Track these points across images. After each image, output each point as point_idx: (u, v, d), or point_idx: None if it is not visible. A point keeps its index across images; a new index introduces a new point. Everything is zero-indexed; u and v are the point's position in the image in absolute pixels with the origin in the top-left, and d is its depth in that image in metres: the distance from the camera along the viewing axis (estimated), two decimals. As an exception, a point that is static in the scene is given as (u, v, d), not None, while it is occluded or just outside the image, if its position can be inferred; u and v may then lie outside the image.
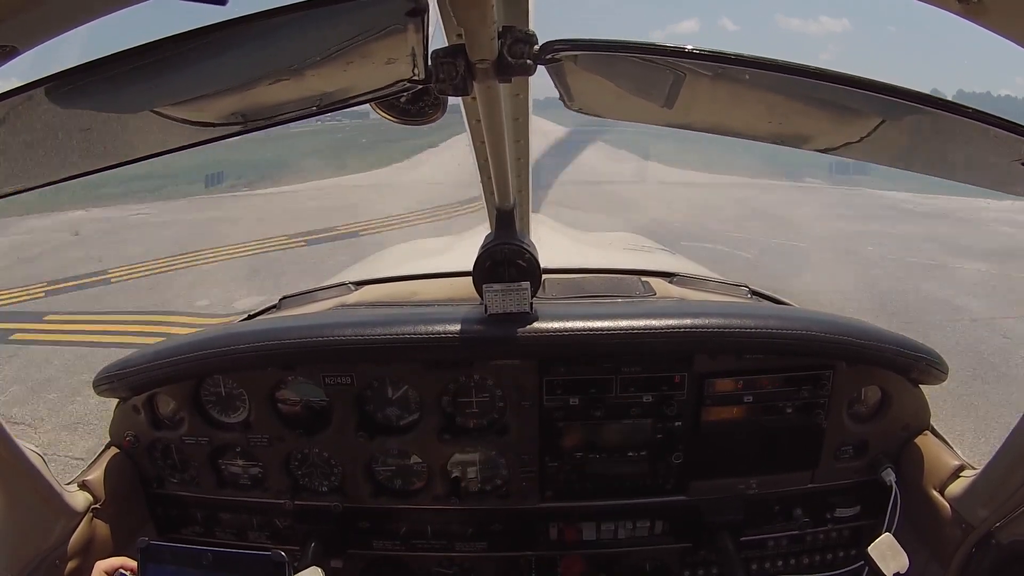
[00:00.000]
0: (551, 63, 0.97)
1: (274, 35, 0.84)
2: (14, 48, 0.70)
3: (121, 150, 1.03)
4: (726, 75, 0.95)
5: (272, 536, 1.91)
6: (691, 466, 1.81)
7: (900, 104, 0.93)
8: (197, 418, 1.81)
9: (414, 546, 1.89)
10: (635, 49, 0.94)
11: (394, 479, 1.85)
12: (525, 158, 1.59)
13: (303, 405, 1.81)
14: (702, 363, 1.72)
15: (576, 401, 1.74)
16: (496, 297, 1.63)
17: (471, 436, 1.79)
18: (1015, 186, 1.19)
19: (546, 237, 3.04)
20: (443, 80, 0.93)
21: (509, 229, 1.64)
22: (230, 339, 1.74)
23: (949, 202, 17.12)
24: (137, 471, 1.88)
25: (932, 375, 1.81)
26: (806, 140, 1.18)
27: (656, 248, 3.80)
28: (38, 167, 1.03)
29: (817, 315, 1.86)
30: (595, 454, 1.78)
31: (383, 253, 4.06)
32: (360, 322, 1.73)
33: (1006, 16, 0.71)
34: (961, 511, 1.61)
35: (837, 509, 1.89)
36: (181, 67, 0.85)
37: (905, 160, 1.23)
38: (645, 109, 1.24)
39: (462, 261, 2.09)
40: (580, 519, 1.85)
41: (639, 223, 12.25)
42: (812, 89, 0.95)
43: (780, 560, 1.94)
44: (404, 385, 1.77)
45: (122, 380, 1.79)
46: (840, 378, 1.76)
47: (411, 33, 0.85)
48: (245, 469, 1.87)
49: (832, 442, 1.81)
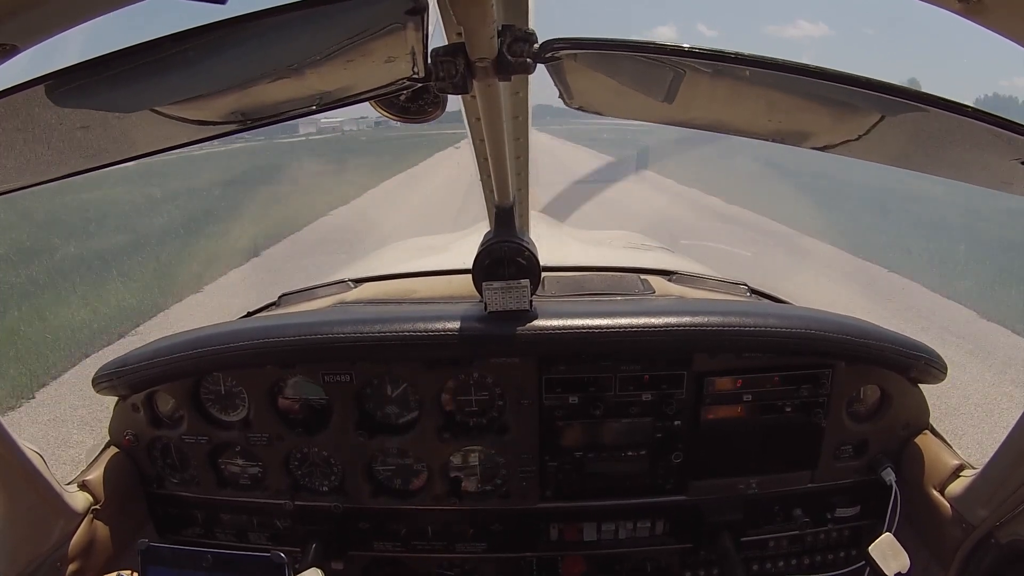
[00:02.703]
0: (551, 61, 0.97)
1: (274, 34, 0.84)
2: (14, 47, 0.70)
3: (120, 148, 1.03)
4: (726, 73, 0.95)
5: (272, 537, 1.91)
6: (691, 465, 1.81)
7: (899, 103, 0.92)
8: (196, 416, 1.81)
9: (414, 547, 1.89)
10: (635, 47, 0.94)
11: (394, 479, 1.85)
12: (525, 156, 1.59)
13: (302, 404, 1.81)
14: (701, 362, 1.72)
15: (576, 400, 1.74)
16: (496, 295, 1.63)
17: (471, 435, 1.79)
18: (1015, 186, 1.19)
19: (545, 235, 3.04)
20: (443, 78, 0.93)
21: (509, 227, 1.64)
22: (229, 336, 1.74)
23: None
24: (137, 471, 1.88)
25: (931, 374, 1.81)
26: (805, 138, 1.18)
27: (655, 246, 3.79)
28: (37, 165, 1.03)
29: (816, 314, 1.86)
30: (594, 453, 1.78)
31: (383, 250, 4.05)
32: (359, 319, 1.73)
33: (1006, 16, 0.71)
34: (961, 510, 1.61)
35: (837, 509, 1.89)
36: (181, 66, 0.85)
37: (904, 158, 1.23)
38: (645, 106, 1.24)
39: (461, 259, 2.09)
40: (580, 519, 1.85)
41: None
42: (812, 87, 0.95)
43: (781, 560, 1.94)
44: (403, 383, 1.77)
45: (121, 378, 1.79)
46: (839, 377, 1.76)
47: (411, 31, 0.85)
48: (244, 468, 1.87)
49: (832, 441, 1.81)
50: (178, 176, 26.30)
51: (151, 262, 11.70)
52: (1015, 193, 1.21)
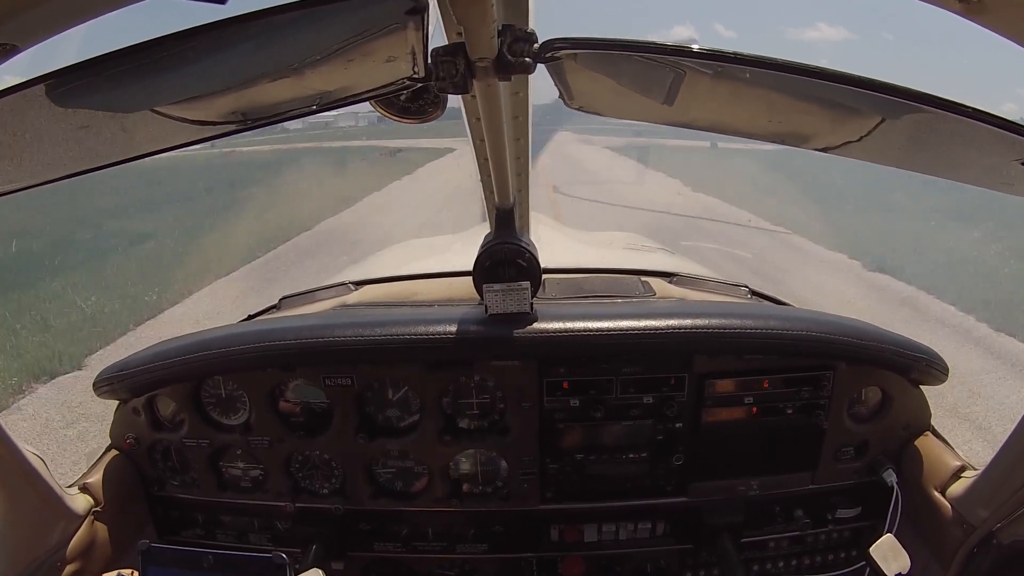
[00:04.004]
0: (551, 61, 0.97)
1: (274, 34, 0.84)
2: (14, 46, 0.70)
3: (120, 148, 1.03)
4: (726, 73, 0.95)
5: (273, 538, 1.91)
6: (691, 467, 1.80)
7: (900, 103, 0.92)
8: (197, 420, 1.81)
9: (415, 548, 1.88)
10: (635, 48, 0.94)
11: (395, 481, 1.85)
12: (525, 157, 1.59)
13: (303, 407, 1.81)
14: (702, 364, 1.72)
15: (576, 402, 1.73)
16: (496, 297, 1.63)
17: (471, 437, 1.78)
18: (1016, 187, 1.19)
19: (546, 236, 3.03)
20: (443, 78, 0.93)
21: (509, 228, 1.63)
22: (230, 340, 1.74)
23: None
24: (138, 473, 1.88)
25: (932, 375, 1.81)
26: (806, 139, 1.18)
27: (656, 248, 3.79)
28: (36, 165, 1.02)
29: (817, 315, 1.86)
30: (595, 455, 1.78)
31: (383, 253, 4.04)
32: (360, 322, 1.73)
33: (1006, 16, 0.71)
34: (962, 511, 1.60)
35: (838, 510, 1.88)
36: (181, 65, 0.85)
37: (904, 160, 1.23)
38: (645, 107, 1.24)
39: (462, 261, 2.09)
40: (581, 520, 1.84)
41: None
42: (812, 88, 0.95)
43: (781, 561, 1.94)
44: (404, 386, 1.77)
45: (122, 382, 1.79)
46: (840, 379, 1.76)
47: (411, 31, 0.85)
48: (245, 471, 1.86)
49: (832, 443, 1.81)
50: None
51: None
52: (1016, 194, 1.21)
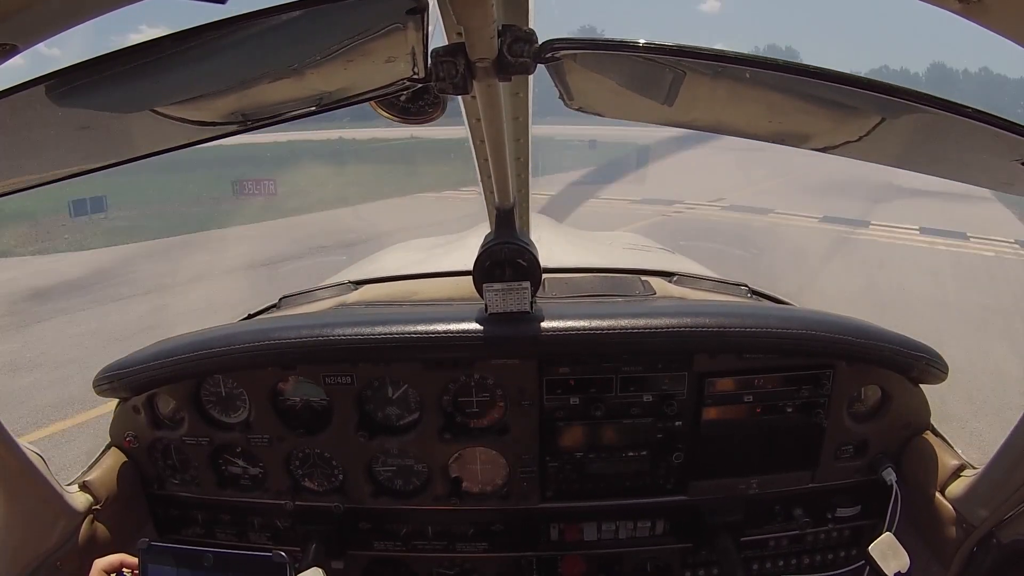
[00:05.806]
0: (551, 62, 0.97)
1: (274, 34, 0.84)
2: (14, 46, 0.70)
3: (120, 149, 1.03)
4: (726, 74, 0.95)
5: (273, 537, 1.91)
6: (691, 466, 1.81)
7: (900, 103, 0.92)
8: (197, 418, 1.81)
9: (415, 547, 1.89)
10: (635, 48, 0.94)
11: (394, 479, 1.85)
12: (525, 157, 1.59)
13: (303, 405, 1.81)
14: (702, 363, 1.72)
15: (576, 401, 1.74)
16: (496, 296, 1.63)
17: (471, 436, 1.79)
18: (1015, 186, 1.19)
19: (546, 236, 3.03)
20: (443, 79, 0.93)
21: (509, 228, 1.64)
22: (230, 339, 1.74)
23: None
24: (138, 472, 1.88)
25: (932, 374, 1.81)
26: (806, 139, 1.18)
27: (655, 247, 3.79)
28: (36, 166, 1.03)
29: (817, 315, 1.86)
30: (595, 453, 1.78)
31: (383, 252, 4.04)
32: (360, 321, 1.73)
33: (1006, 16, 0.71)
34: (962, 510, 1.61)
35: (838, 509, 1.89)
36: (181, 66, 0.85)
37: (904, 159, 1.23)
38: (645, 107, 1.24)
39: (462, 260, 2.09)
40: (581, 519, 1.85)
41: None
42: (812, 88, 0.95)
43: (781, 560, 1.94)
44: (404, 385, 1.77)
45: (122, 380, 1.79)
46: (840, 377, 1.76)
47: (411, 32, 0.85)
48: (245, 469, 1.87)
49: (832, 442, 1.81)
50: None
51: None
52: (1016, 194, 1.21)
